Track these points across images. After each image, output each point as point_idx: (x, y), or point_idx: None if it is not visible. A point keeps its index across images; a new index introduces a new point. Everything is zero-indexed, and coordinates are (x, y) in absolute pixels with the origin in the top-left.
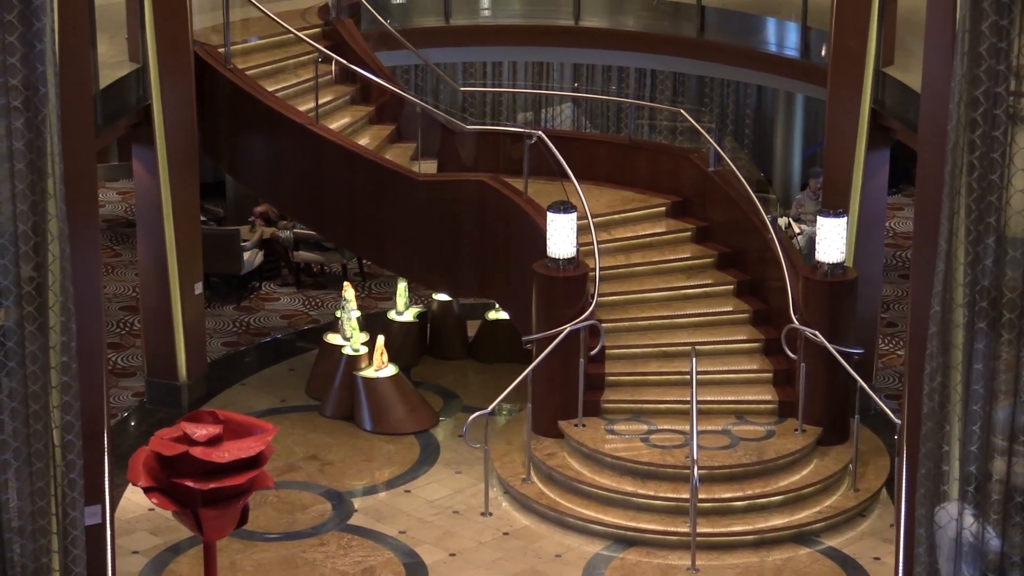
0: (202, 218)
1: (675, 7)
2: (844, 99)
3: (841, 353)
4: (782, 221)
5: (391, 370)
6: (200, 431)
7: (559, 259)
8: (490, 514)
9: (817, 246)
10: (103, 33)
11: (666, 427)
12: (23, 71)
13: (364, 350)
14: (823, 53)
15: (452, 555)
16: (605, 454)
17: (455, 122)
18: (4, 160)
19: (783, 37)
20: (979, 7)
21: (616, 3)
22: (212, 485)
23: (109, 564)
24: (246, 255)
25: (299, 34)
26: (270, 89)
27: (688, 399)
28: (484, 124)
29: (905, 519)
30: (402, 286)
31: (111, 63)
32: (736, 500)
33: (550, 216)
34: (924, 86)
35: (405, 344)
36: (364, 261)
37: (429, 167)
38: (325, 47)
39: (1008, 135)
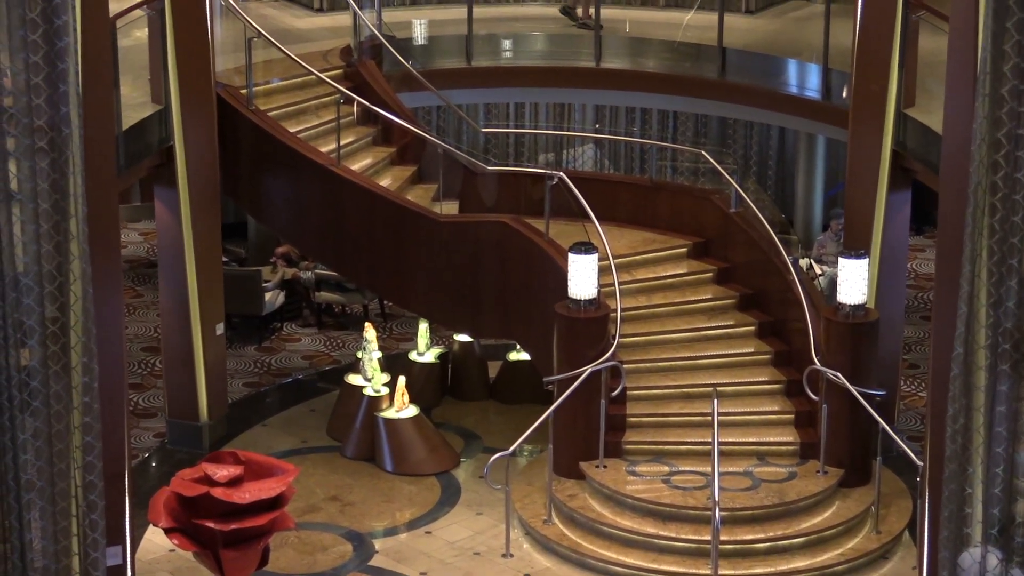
0: (224, 259)
1: (696, 48)
2: (865, 141)
3: (863, 395)
4: (804, 262)
5: (412, 411)
6: (221, 472)
7: (580, 300)
8: (511, 555)
9: (839, 287)
10: (126, 75)
11: (688, 468)
12: (48, 112)
13: (385, 391)
14: (844, 95)
15: None
16: (626, 495)
17: (477, 163)
18: (29, 200)
19: (804, 79)
20: (1000, 50)
21: (637, 45)
22: (233, 526)
23: None
24: (267, 296)
25: (321, 75)
26: (292, 130)
27: (710, 440)
28: (506, 165)
29: (928, 562)
30: (423, 327)
31: (134, 104)
32: (758, 542)
33: (571, 257)
34: (945, 128)
35: (426, 385)
36: (385, 302)
37: (451, 208)
38: (347, 88)
39: None
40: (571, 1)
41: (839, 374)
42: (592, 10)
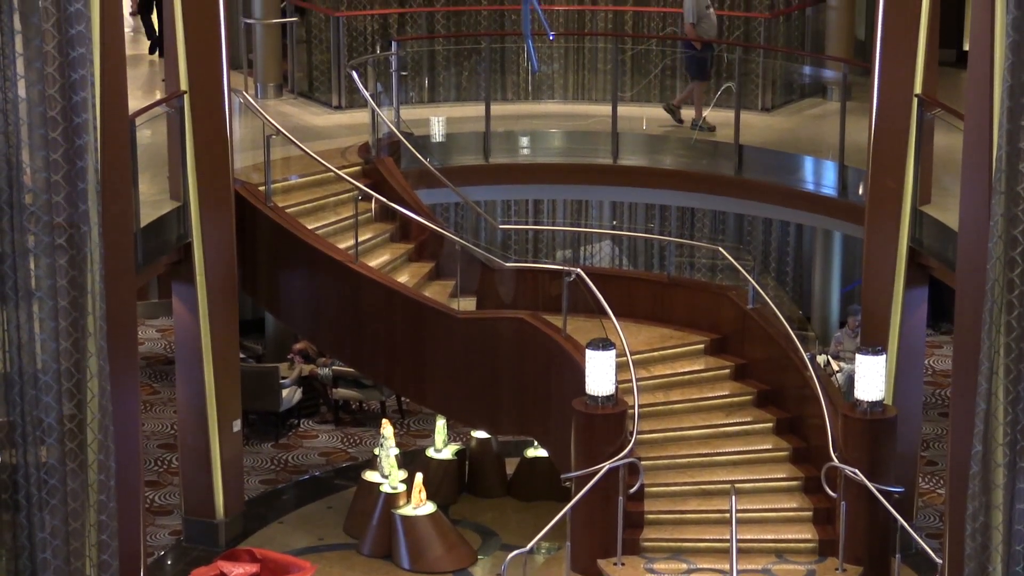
0: (241, 355)
1: (713, 146)
2: (882, 237)
3: (881, 492)
4: (821, 359)
5: (429, 508)
6: (237, 570)
7: (598, 396)
8: None
9: (856, 384)
10: (144, 172)
11: (706, 566)
12: (68, 210)
13: (402, 488)
14: (861, 192)
15: None
16: None
17: (494, 259)
18: (48, 298)
19: (821, 176)
20: (1016, 148)
21: (654, 142)
22: None
23: None
24: (285, 392)
25: (339, 172)
26: (310, 227)
27: (728, 538)
28: (523, 261)
29: None
30: (441, 423)
31: (152, 201)
32: None
33: (589, 353)
34: (962, 225)
35: (444, 482)
36: (403, 398)
37: (468, 304)
38: (365, 185)
39: None
40: (676, 100)
41: (857, 471)
42: (705, 110)
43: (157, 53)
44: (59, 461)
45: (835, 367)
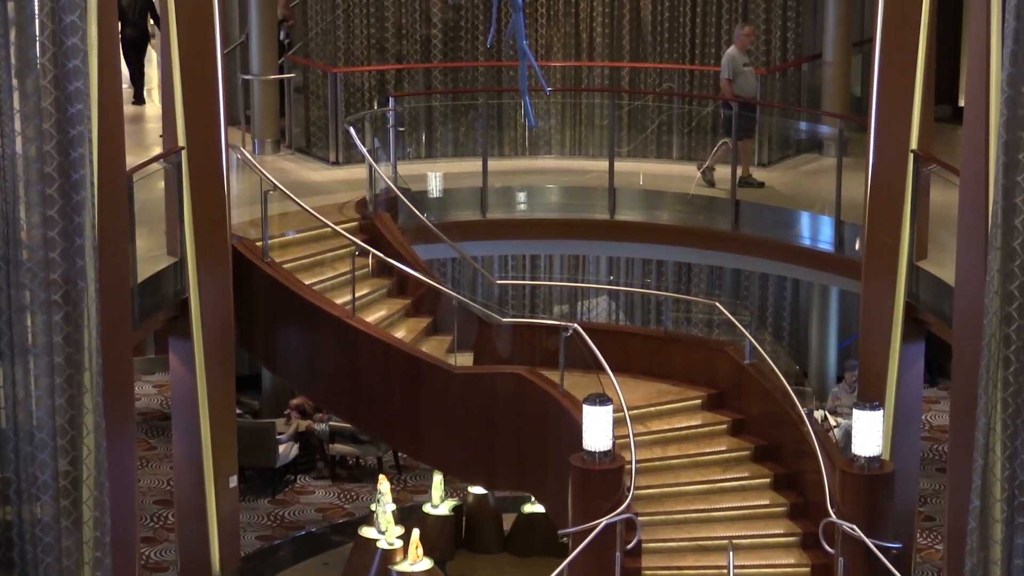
0: (237, 411)
1: (710, 201)
2: (878, 293)
3: (879, 547)
4: (818, 414)
5: (426, 564)
6: None
7: (595, 452)
8: None
9: (853, 439)
10: (142, 227)
11: None
12: (63, 266)
13: (399, 544)
14: (857, 247)
15: None
16: None
17: (491, 315)
18: (44, 354)
19: (817, 231)
20: (1012, 202)
21: (651, 197)
22: None
23: None
24: (281, 448)
25: (337, 228)
26: (307, 282)
27: None
28: (520, 317)
29: None
30: (438, 479)
31: (149, 257)
32: None
33: (586, 409)
34: (958, 280)
35: (440, 537)
36: (400, 454)
37: (465, 360)
38: (362, 241)
39: None
40: (709, 163)
41: (855, 526)
42: (750, 169)
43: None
44: (54, 518)
45: (832, 422)
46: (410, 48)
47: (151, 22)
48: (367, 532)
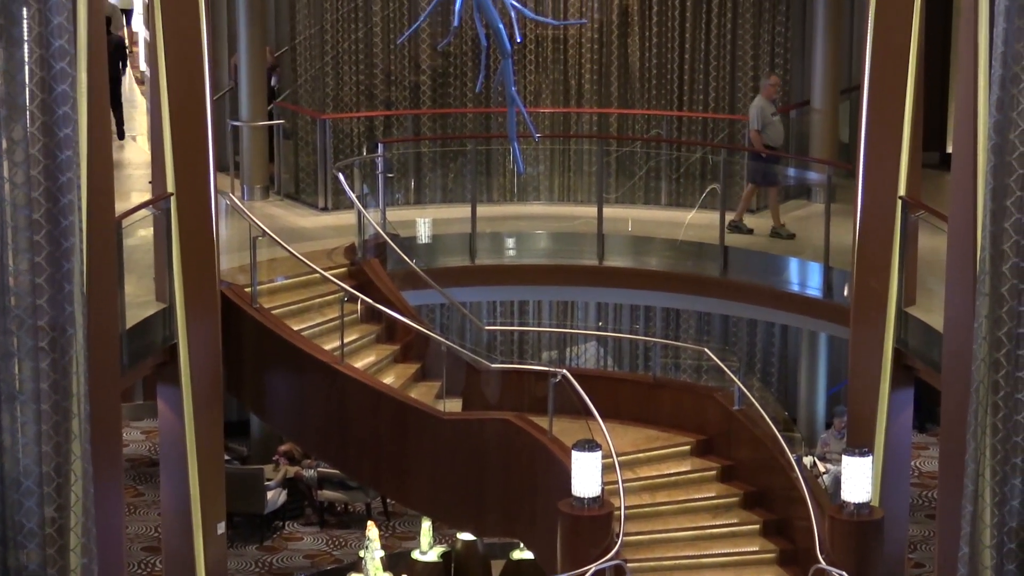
0: (226, 457)
1: (698, 247)
2: (867, 339)
3: None
4: (807, 460)
5: None
6: None
7: (584, 498)
8: None
9: (843, 485)
10: (130, 274)
11: None
12: (50, 312)
13: None
14: (846, 293)
15: None
16: None
17: (480, 361)
18: (31, 401)
19: (806, 277)
20: (999, 249)
21: (640, 243)
22: None
23: None
24: (269, 494)
25: (325, 274)
26: (296, 328)
27: None
28: (509, 363)
29: None
30: (426, 525)
31: (138, 303)
32: None
33: (575, 455)
34: (946, 326)
35: None
36: (388, 500)
37: (454, 405)
38: (351, 286)
39: None
40: (737, 214)
41: (844, 573)
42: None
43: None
44: (40, 566)
45: (821, 468)
46: (399, 94)
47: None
48: None
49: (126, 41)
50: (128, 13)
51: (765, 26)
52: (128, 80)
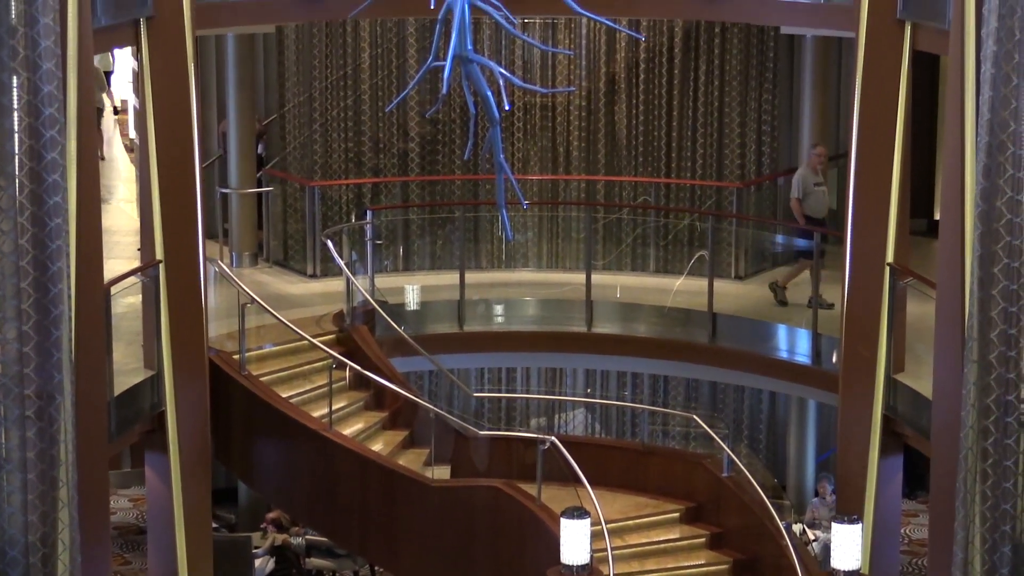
0: (214, 524)
1: (686, 314)
2: (856, 406)
3: None
4: (797, 527)
5: None
6: None
7: (573, 566)
8: None
9: (832, 553)
10: (118, 341)
11: None
12: (38, 381)
13: None
14: (834, 360)
15: None
16: None
17: (469, 428)
18: (16, 471)
19: (794, 344)
20: (987, 316)
21: (628, 310)
22: None
23: None
24: (257, 562)
25: (314, 341)
26: (284, 395)
27: None
28: (498, 429)
29: None
30: None
31: (126, 370)
32: None
33: (563, 522)
34: (935, 394)
35: None
36: (377, 568)
37: (443, 472)
38: (339, 353)
39: (1021, 443)
40: (783, 280)
41: None
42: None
43: None
44: None
45: (811, 536)
46: (387, 161)
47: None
48: None
49: (108, 103)
50: (108, 75)
51: (752, 93)
52: (110, 144)
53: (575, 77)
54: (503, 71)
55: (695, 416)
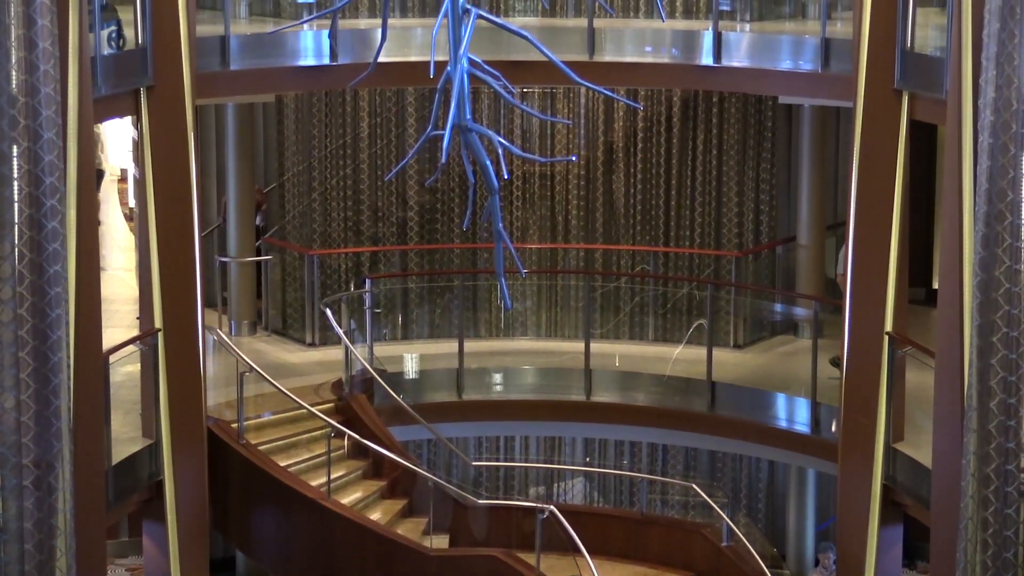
0: None
1: (685, 382)
2: (855, 475)
3: None
4: None
5: None
6: None
7: None
8: None
9: None
10: (116, 410)
11: None
12: (36, 450)
13: None
14: (833, 429)
15: None
16: None
17: (467, 497)
18: (14, 541)
19: (793, 413)
20: (987, 385)
21: (627, 378)
22: None
23: None
24: None
25: (312, 409)
26: (283, 464)
27: None
28: (496, 498)
29: None
30: None
31: (124, 439)
32: None
33: None
34: (935, 463)
35: None
36: None
37: (441, 542)
38: (338, 422)
39: (1021, 513)
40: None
41: None
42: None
43: None
44: None
45: None
46: (386, 230)
47: None
48: None
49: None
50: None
51: (750, 162)
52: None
53: (574, 146)
54: (502, 140)
55: (694, 485)
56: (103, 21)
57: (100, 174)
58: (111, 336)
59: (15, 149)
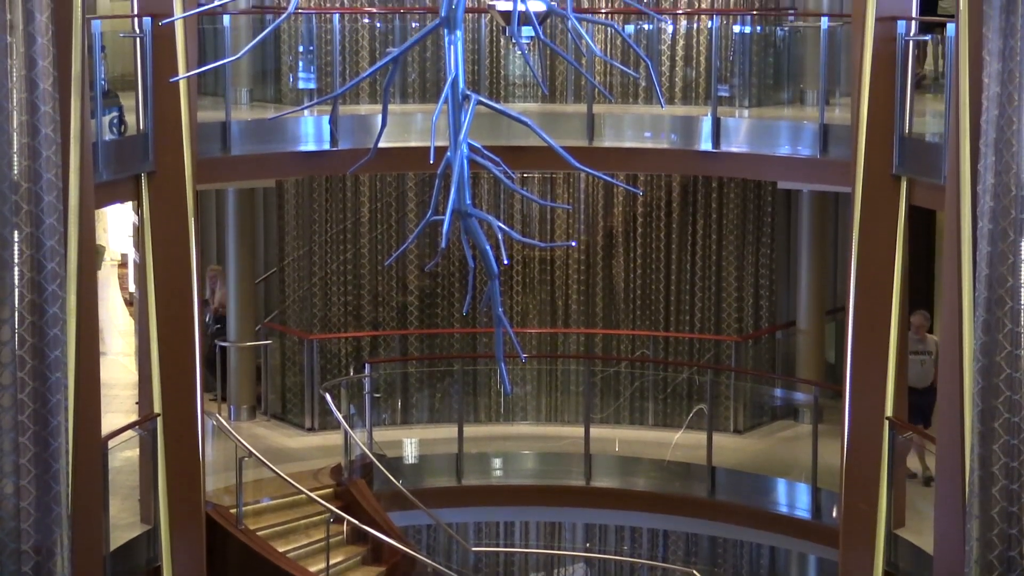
0: None
1: (685, 468)
2: (857, 561)
3: None
4: None
5: None
6: None
7: None
8: None
9: None
10: (114, 495)
11: None
12: (35, 536)
13: None
14: (834, 515)
15: None
16: None
17: None
18: None
19: (794, 498)
20: (989, 471)
21: (627, 463)
22: None
23: None
24: None
25: (311, 495)
26: (281, 549)
27: None
28: None
29: None
30: None
31: (122, 524)
32: None
33: None
34: (937, 549)
35: None
36: None
37: None
38: (337, 507)
39: None
40: (919, 465)
41: None
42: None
43: None
44: None
45: None
46: (386, 315)
47: None
48: None
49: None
50: None
51: (750, 247)
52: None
53: (573, 231)
54: (502, 225)
55: (695, 571)
56: (105, 107)
57: (99, 250)
58: (110, 421)
59: (16, 234)
